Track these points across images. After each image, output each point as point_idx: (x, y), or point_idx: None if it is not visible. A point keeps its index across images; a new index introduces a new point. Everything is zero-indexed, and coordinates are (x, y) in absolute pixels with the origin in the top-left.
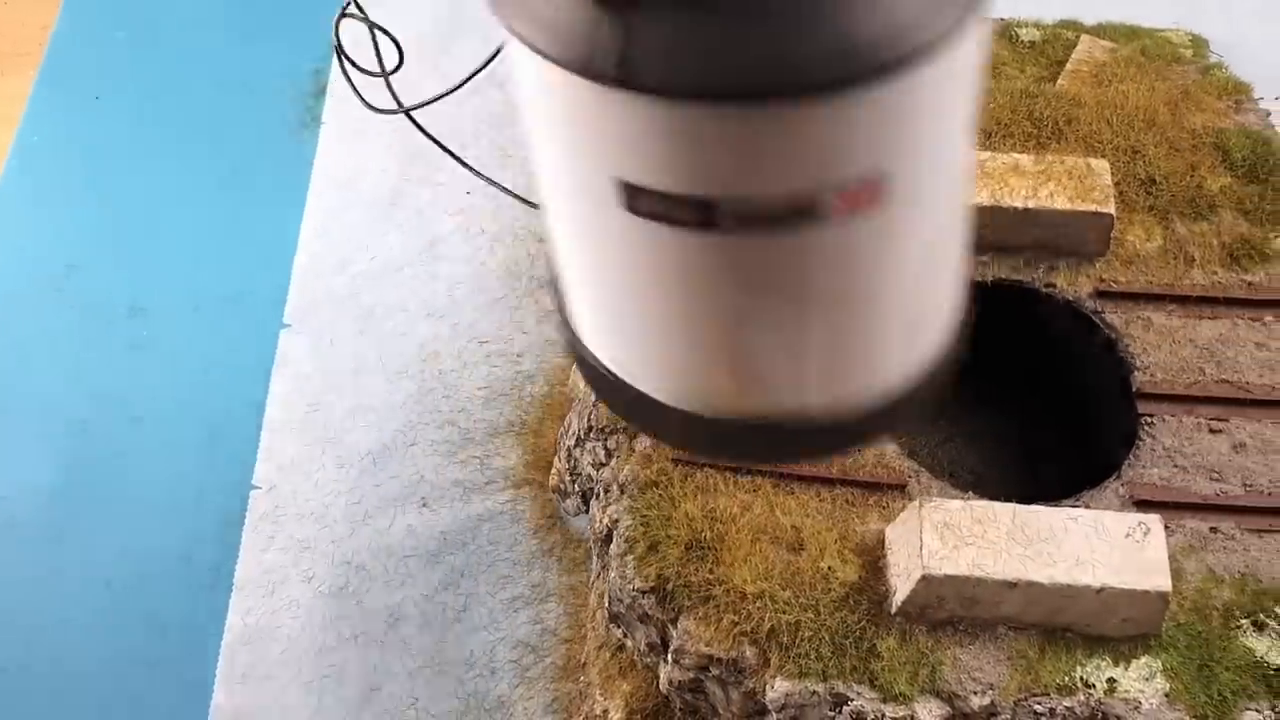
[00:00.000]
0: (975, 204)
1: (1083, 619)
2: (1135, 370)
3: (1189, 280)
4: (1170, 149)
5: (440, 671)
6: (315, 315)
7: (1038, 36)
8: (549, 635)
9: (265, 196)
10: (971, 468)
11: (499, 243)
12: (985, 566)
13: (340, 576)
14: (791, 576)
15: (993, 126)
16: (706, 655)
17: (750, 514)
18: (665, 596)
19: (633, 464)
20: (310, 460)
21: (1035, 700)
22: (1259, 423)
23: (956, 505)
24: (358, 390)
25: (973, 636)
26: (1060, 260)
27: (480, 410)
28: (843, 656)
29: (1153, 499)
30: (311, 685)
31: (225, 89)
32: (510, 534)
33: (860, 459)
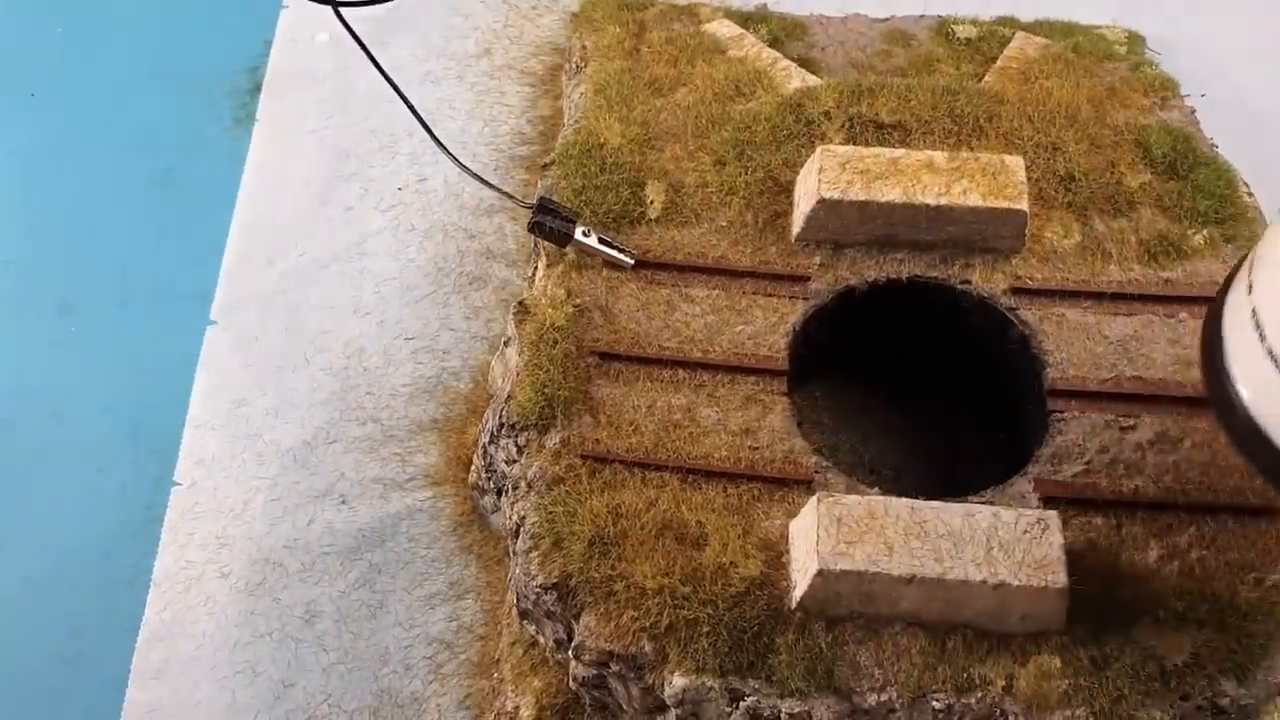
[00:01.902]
0: (887, 201)
1: (982, 615)
2: (1047, 367)
3: (1105, 277)
4: (1091, 146)
5: (354, 668)
6: (242, 312)
7: (974, 34)
8: (465, 632)
9: (197, 193)
10: (893, 464)
11: (428, 239)
12: (881, 562)
13: (257, 573)
14: (692, 572)
15: (913, 124)
16: (606, 651)
17: (655, 510)
18: (568, 593)
19: (541, 460)
20: (232, 457)
21: (933, 697)
22: (1170, 420)
23: (854, 500)
24: (281, 387)
25: (872, 632)
26: (976, 257)
27: (404, 407)
28: (740, 652)
29: (1059, 495)
30: (225, 681)
31: (161, 86)
32: (429, 531)
33: (768, 454)
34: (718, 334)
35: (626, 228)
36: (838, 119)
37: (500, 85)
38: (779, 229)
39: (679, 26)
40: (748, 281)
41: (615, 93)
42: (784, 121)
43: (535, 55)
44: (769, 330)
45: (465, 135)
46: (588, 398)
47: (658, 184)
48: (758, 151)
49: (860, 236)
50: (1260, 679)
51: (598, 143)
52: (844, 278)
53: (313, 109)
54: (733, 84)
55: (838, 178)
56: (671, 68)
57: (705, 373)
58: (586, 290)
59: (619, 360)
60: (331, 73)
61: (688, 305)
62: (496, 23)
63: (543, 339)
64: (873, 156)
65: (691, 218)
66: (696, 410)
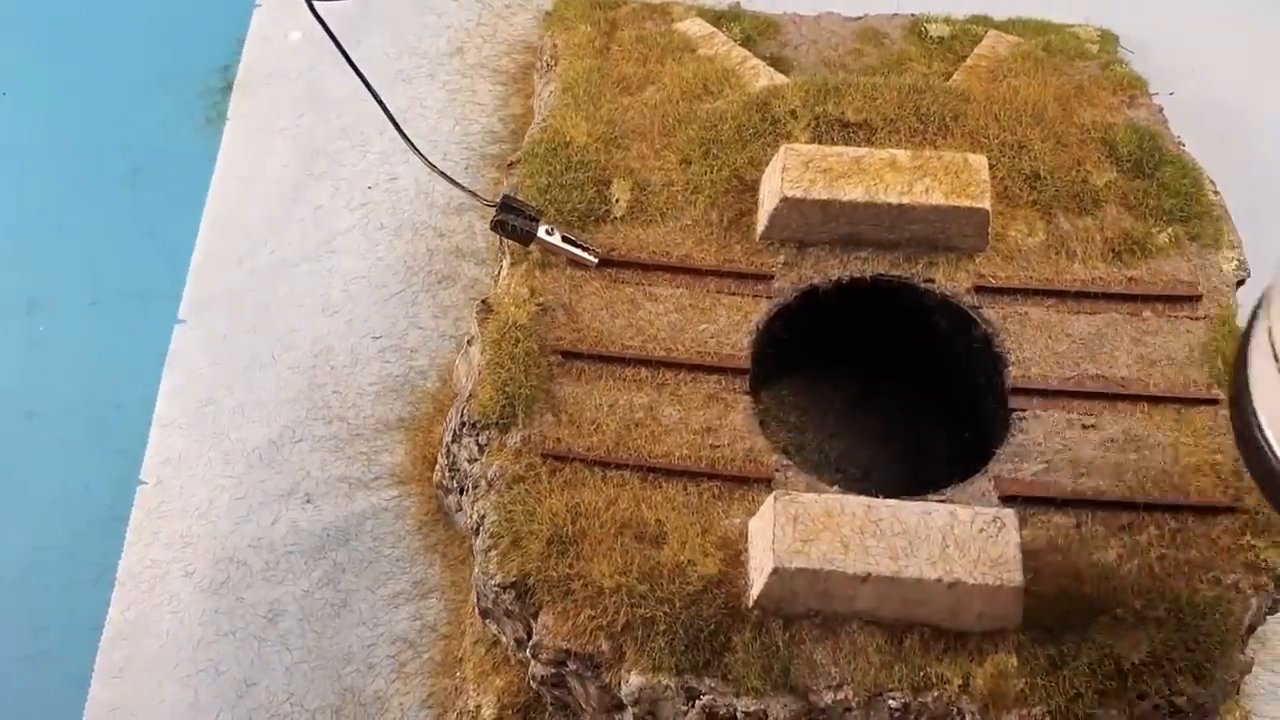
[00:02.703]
0: (850, 200)
1: (938, 614)
2: (1009, 365)
3: (1069, 275)
4: (1057, 144)
5: (317, 667)
6: (210, 311)
7: (946, 32)
8: (428, 631)
9: (168, 192)
10: (859, 462)
11: (398, 238)
12: (836, 560)
13: (221, 572)
14: (650, 571)
15: (879, 122)
16: (563, 650)
17: (615, 508)
18: (526, 592)
19: (502, 459)
20: (198, 456)
21: (889, 696)
22: (1131, 418)
23: (811, 499)
24: (248, 386)
25: (829, 631)
26: (940, 256)
27: (370, 406)
28: (696, 651)
29: (1019, 494)
30: (188, 680)
31: (133, 84)
32: (394, 530)
33: (729, 453)
34: (681, 332)
35: (591, 226)
36: (803, 117)
37: (472, 84)
38: (744, 228)
39: (651, 25)
40: (712, 280)
41: (583, 91)
42: (750, 120)
43: (508, 54)
44: (732, 329)
45: (436, 134)
46: (550, 396)
47: (623, 182)
48: (723, 150)
49: (824, 235)
50: (1218, 678)
51: (564, 141)
52: (808, 276)
53: (284, 107)
54: (701, 82)
55: (801, 176)
56: (641, 66)
57: (668, 371)
58: (550, 289)
59: (582, 359)
60: (303, 71)
61: (651, 304)
62: (469, 21)
63: (505, 337)
64: (836, 155)
65: (657, 216)
66: (658, 409)
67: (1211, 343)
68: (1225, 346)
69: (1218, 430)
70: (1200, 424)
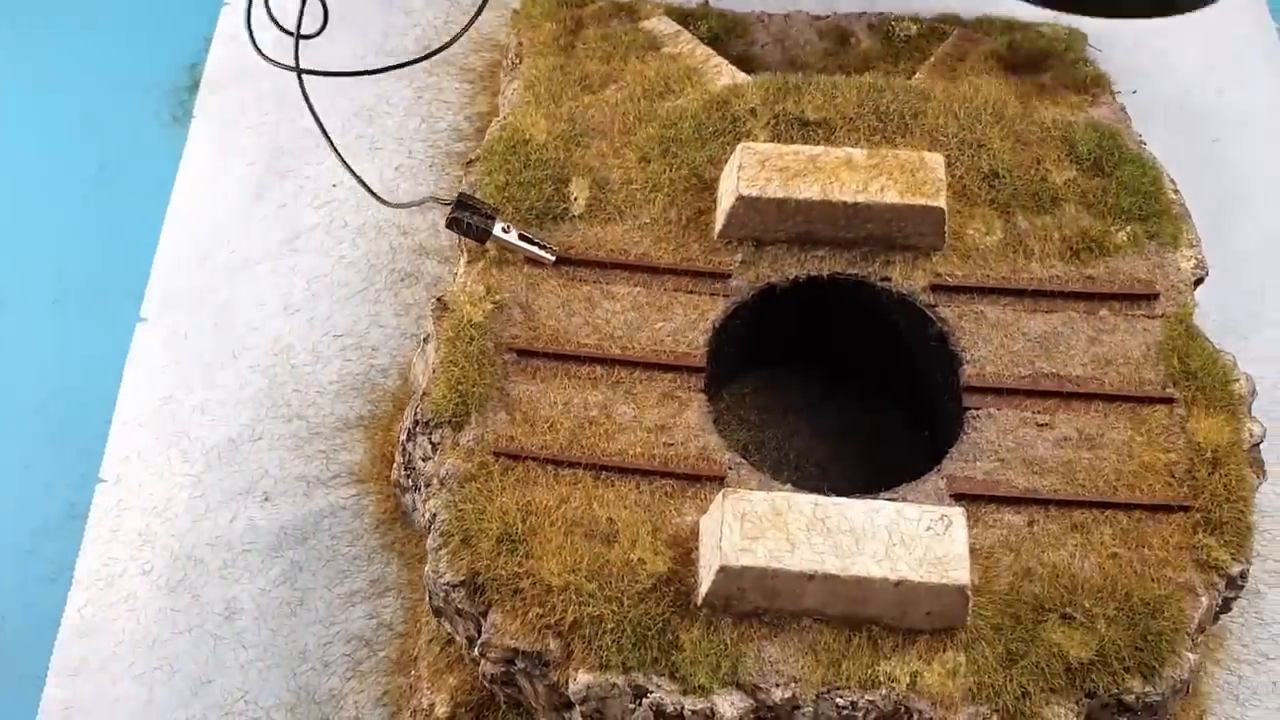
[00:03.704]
0: (805, 198)
1: (887, 612)
2: (964, 364)
3: (1027, 274)
4: (1017, 142)
5: (273, 665)
6: (172, 309)
7: (914, 31)
8: (384, 629)
9: (132, 190)
10: (819, 461)
11: (361, 236)
12: (782, 558)
13: (178, 570)
14: (599, 569)
15: (838, 121)
16: (511, 649)
17: (566, 507)
18: (475, 590)
19: (454, 458)
20: (157, 454)
21: (837, 694)
22: (1085, 416)
23: (759, 497)
24: (209, 384)
25: (778, 629)
26: (897, 254)
27: (330, 405)
28: (644, 649)
29: (971, 492)
30: (143, 678)
31: (100, 82)
32: (352, 529)
33: (682, 451)
34: (638, 331)
35: (550, 224)
36: (763, 116)
37: (439, 82)
38: (702, 226)
39: (617, 24)
40: (669, 278)
41: (544, 89)
42: (710, 119)
43: (476, 52)
44: (689, 327)
45: (402, 131)
46: (504, 395)
47: (582, 180)
48: (683, 148)
49: (781, 234)
50: (1166, 676)
51: (523, 139)
52: (765, 275)
53: (250, 106)
54: (663, 81)
55: (757, 175)
56: (604, 64)
57: (623, 369)
58: (507, 287)
59: (537, 357)
60: (270, 71)
61: (608, 302)
62: (437, 19)
63: (459, 336)
64: (792, 154)
65: (615, 214)
66: (613, 407)
67: (1168, 341)
68: (1182, 345)
69: (1172, 429)
70: (1154, 423)
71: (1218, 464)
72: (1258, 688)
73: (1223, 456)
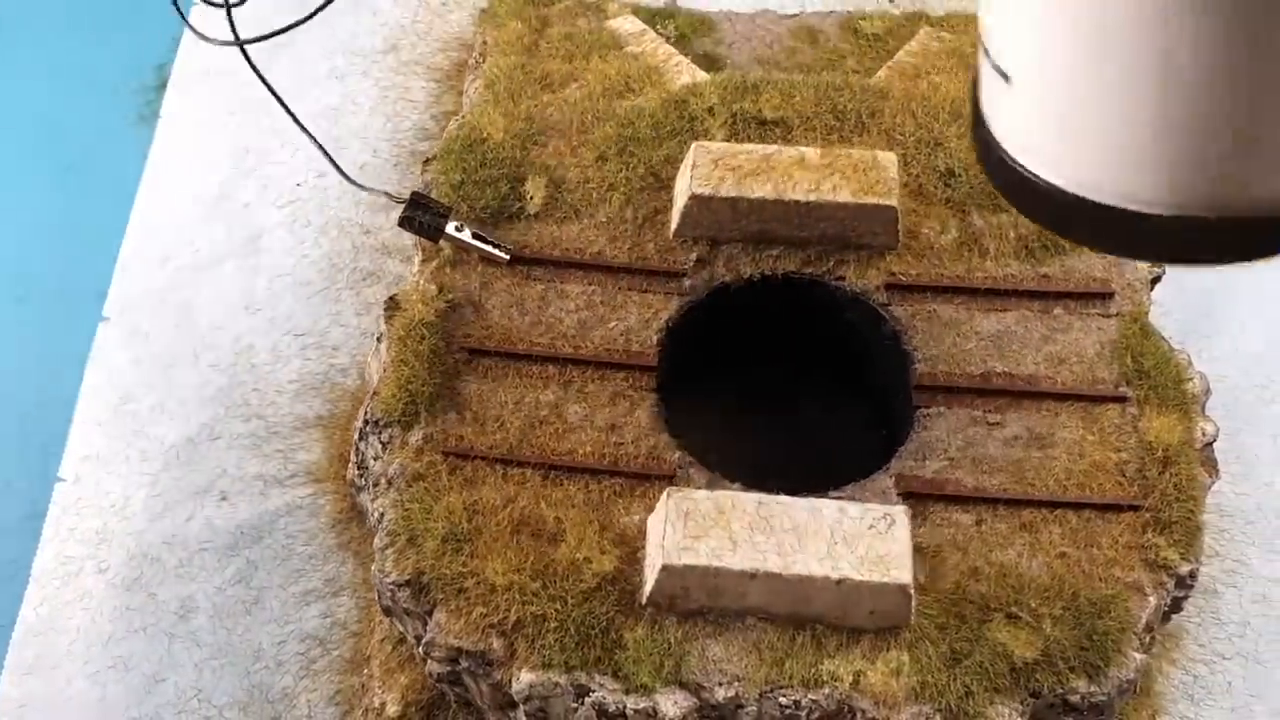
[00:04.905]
0: (758, 197)
1: (830, 611)
2: (916, 363)
3: (981, 273)
4: None
5: (227, 663)
6: (134, 308)
7: (880, 29)
8: (338, 629)
9: (98, 190)
10: (776, 460)
11: (324, 235)
12: (724, 556)
13: (135, 568)
14: (545, 568)
15: (795, 120)
16: (455, 648)
17: (514, 506)
18: (421, 589)
19: (403, 457)
20: (116, 453)
21: (781, 693)
22: (1036, 415)
23: (703, 495)
24: (169, 384)
25: (723, 627)
26: (851, 253)
27: (289, 404)
28: (588, 648)
29: (920, 491)
30: (97, 676)
31: (68, 82)
32: (308, 528)
33: (632, 450)
34: (590, 330)
35: (505, 223)
36: (720, 115)
37: (406, 81)
38: (658, 225)
39: (583, 23)
40: (623, 277)
41: (503, 88)
42: (667, 118)
43: (443, 51)
44: (642, 326)
45: (367, 131)
46: (454, 394)
47: (538, 179)
48: (640, 147)
49: (736, 233)
50: (1111, 676)
51: (480, 138)
52: (720, 274)
53: (216, 105)
54: (624, 80)
55: (710, 174)
56: (567, 63)
57: (575, 369)
58: (459, 286)
59: (488, 356)
60: (236, 70)
61: (562, 301)
62: (405, 18)
63: (410, 334)
64: (746, 153)
65: (571, 213)
66: (564, 406)
67: (1123, 340)
68: (1137, 344)
69: (1124, 428)
70: (1107, 422)
71: (1168, 463)
72: (1213, 688)
73: (1174, 456)
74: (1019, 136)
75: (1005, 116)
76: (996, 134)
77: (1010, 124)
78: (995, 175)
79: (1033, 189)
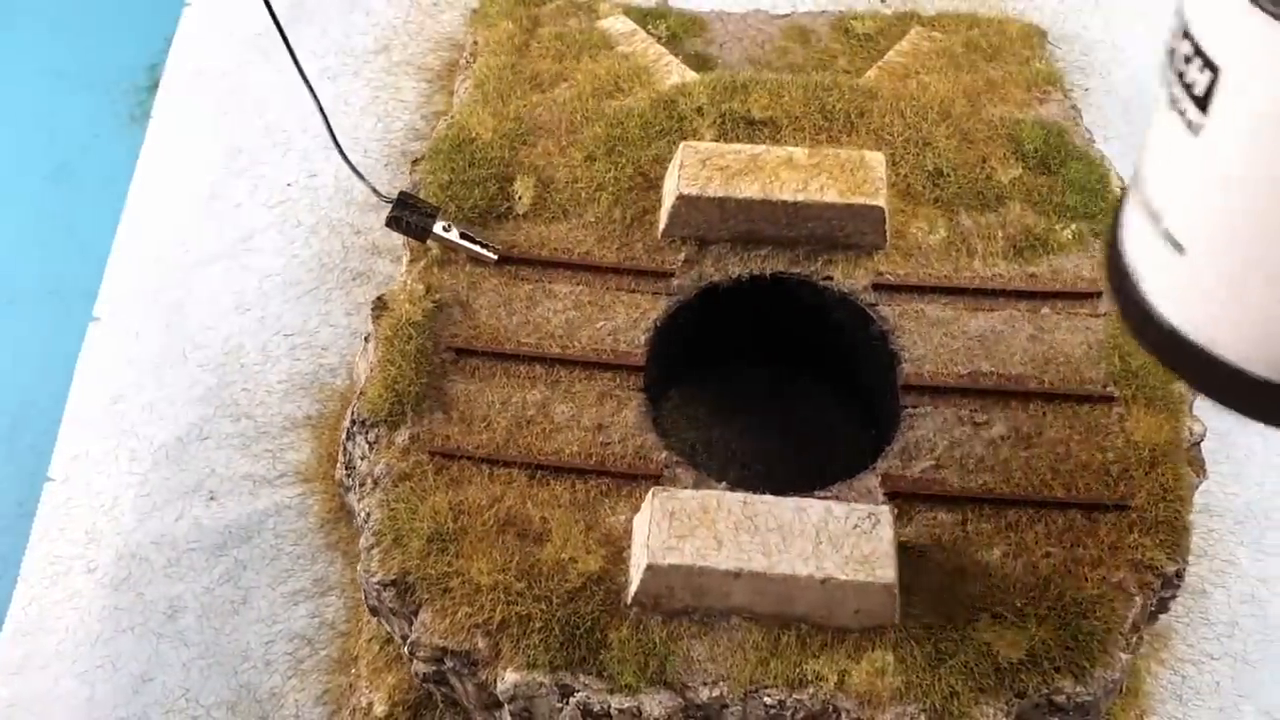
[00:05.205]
0: (745, 197)
1: (815, 610)
2: (903, 362)
3: (969, 272)
4: (963, 140)
5: (214, 663)
6: (125, 308)
7: (872, 29)
8: (326, 628)
9: (89, 190)
10: (766, 459)
11: (315, 235)
12: (709, 556)
13: (123, 568)
14: (530, 568)
15: (784, 120)
16: (440, 648)
17: (500, 506)
18: (406, 590)
19: (389, 457)
20: (105, 453)
21: (765, 693)
22: (1023, 415)
23: (688, 495)
24: (159, 383)
25: (707, 627)
26: (839, 253)
27: (279, 404)
28: (572, 647)
29: (906, 491)
30: (85, 675)
31: (60, 82)
32: (296, 528)
33: (619, 450)
34: (578, 330)
35: (494, 223)
36: (709, 115)
37: (397, 81)
38: (647, 225)
39: (574, 23)
40: (611, 277)
41: (493, 88)
42: (656, 118)
43: (434, 51)
44: (630, 326)
45: (358, 131)
46: (441, 394)
47: (527, 179)
48: (629, 147)
49: (724, 233)
50: (1097, 676)
51: (468, 137)
52: (708, 274)
53: (208, 106)
54: (613, 80)
55: (697, 174)
56: (557, 63)
57: (562, 369)
58: (447, 285)
59: (475, 356)
60: (229, 70)
61: (550, 301)
62: (397, 18)
63: (397, 334)
64: (733, 153)
65: (559, 213)
66: (551, 406)
67: (1110, 340)
68: (1124, 343)
69: (1111, 428)
70: (1093, 421)
71: (1155, 463)
72: (1201, 688)
73: (1161, 455)
74: (1187, 308)
75: (1170, 285)
76: (1154, 299)
77: (1177, 294)
78: (1147, 337)
79: (1196, 357)
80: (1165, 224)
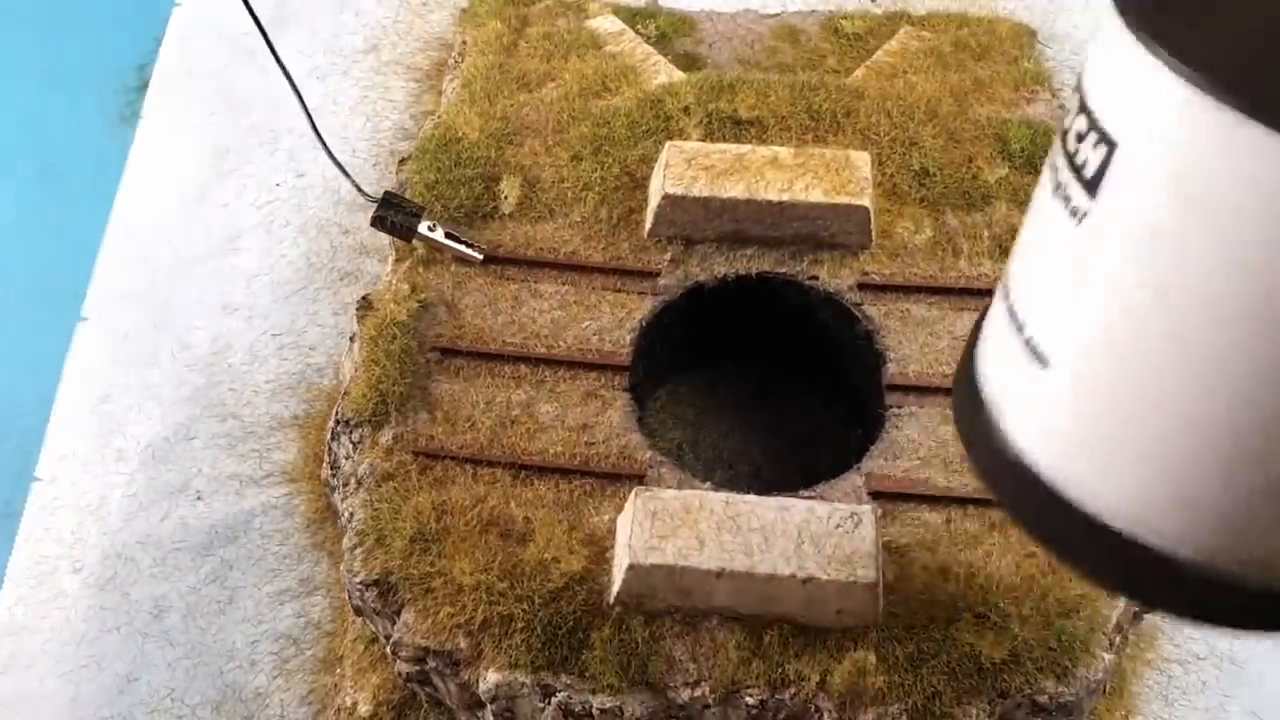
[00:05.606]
0: (730, 197)
1: (797, 610)
2: (887, 362)
3: (955, 272)
4: (949, 140)
5: (200, 663)
6: (113, 309)
7: (862, 28)
8: (312, 628)
9: (78, 190)
10: (753, 459)
11: (302, 235)
12: (691, 556)
13: (109, 568)
14: (512, 568)
15: (770, 120)
16: (422, 648)
17: (483, 506)
18: (389, 590)
19: (373, 457)
20: (92, 453)
21: (747, 693)
22: None
23: (670, 495)
24: (145, 384)
25: (690, 627)
26: (825, 253)
27: (265, 404)
28: (554, 648)
29: (890, 490)
30: (70, 675)
31: (49, 83)
32: (283, 528)
33: (603, 450)
34: (564, 329)
35: (480, 222)
36: (696, 115)
37: (386, 81)
38: (633, 225)
39: (563, 23)
40: (597, 277)
41: (480, 88)
42: (643, 117)
43: (423, 51)
44: (615, 326)
45: (347, 131)
46: (425, 394)
47: (513, 179)
48: (615, 147)
49: (710, 232)
50: (1080, 676)
51: (455, 137)
52: (694, 274)
53: (197, 106)
54: (600, 79)
55: (683, 174)
56: (545, 63)
57: (547, 368)
58: (433, 285)
59: (460, 356)
60: (218, 71)
61: (535, 300)
62: (386, 18)
63: (382, 334)
64: (719, 153)
65: (546, 213)
66: (536, 406)
67: None
68: None
69: None
70: None
71: None
72: (1187, 688)
73: None
74: (1046, 439)
75: (1026, 406)
76: (1005, 422)
77: (1035, 418)
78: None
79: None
80: (1026, 326)
